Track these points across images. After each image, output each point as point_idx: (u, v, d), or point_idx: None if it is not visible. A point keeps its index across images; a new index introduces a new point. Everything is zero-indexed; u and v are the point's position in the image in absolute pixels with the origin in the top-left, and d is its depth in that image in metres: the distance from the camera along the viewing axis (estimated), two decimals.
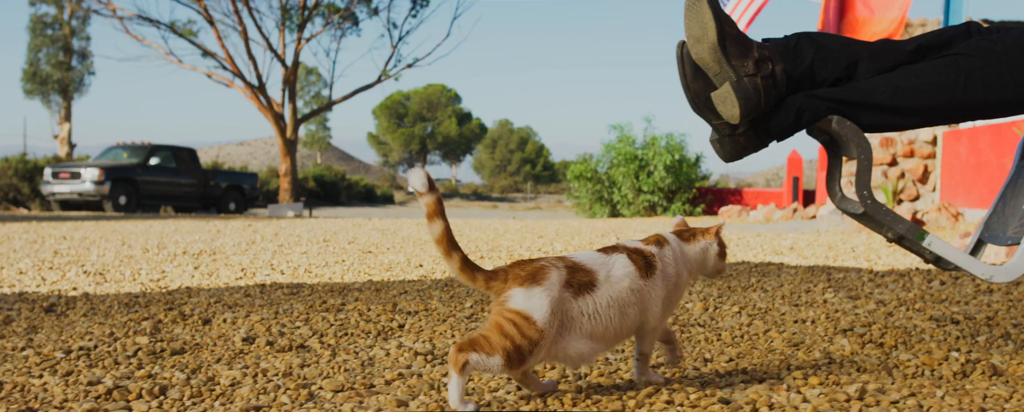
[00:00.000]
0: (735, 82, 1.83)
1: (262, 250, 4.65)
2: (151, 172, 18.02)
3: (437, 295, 2.79)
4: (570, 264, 1.38)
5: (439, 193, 1.34)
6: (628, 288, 1.42)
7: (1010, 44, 1.80)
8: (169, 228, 6.99)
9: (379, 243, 5.45)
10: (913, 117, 1.85)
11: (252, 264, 3.81)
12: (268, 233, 6.50)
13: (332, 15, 21.73)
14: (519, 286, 1.33)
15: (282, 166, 21.41)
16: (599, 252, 1.45)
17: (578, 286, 1.37)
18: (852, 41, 1.93)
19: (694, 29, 1.86)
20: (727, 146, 1.93)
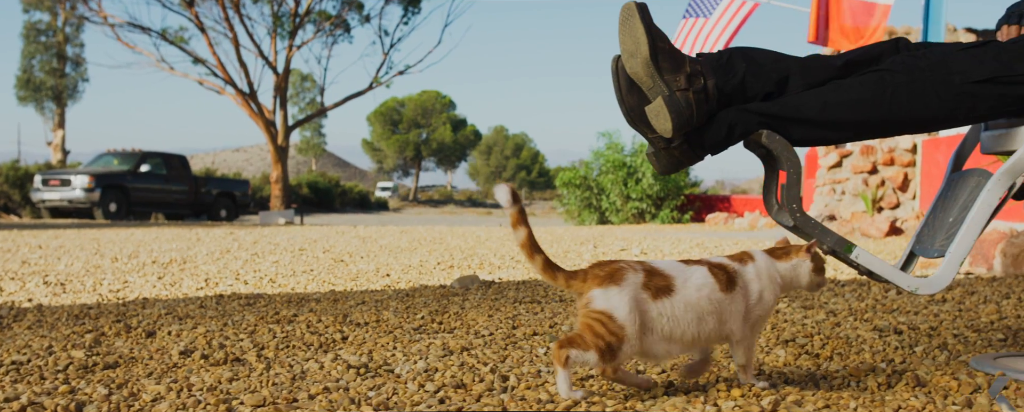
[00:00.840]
0: (668, 97, 1.85)
1: (234, 259, 4.66)
2: (142, 179, 18.03)
3: (393, 305, 2.81)
4: (648, 268, 1.48)
5: (521, 204, 1.48)
6: (706, 297, 1.50)
7: (934, 61, 1.83)
8: (150, 236, 7.00)
9: (355, 252, 5.47)
10: (841, 131, 1.88)
11: (219, 274, 3.83)
12: (247, 241, 6.51)
13: (323, 22, 21.76)
14: (598, 287, 1.43)
15: (273, 173, 21.43)
16: (681, 262, 1.54)
17: (655, 289, 1.47)
18: (784, 56, 1.96)
19: (628, 44, 1.89)
20: (663, 159, 1.95)
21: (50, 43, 38.18)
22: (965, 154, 2.16)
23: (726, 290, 1.52)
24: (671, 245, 6.42)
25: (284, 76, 21.23)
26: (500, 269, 4.30)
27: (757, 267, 1.58)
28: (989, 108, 1.83)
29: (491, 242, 6.79)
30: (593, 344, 1.41)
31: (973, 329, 2.49)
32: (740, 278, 1.55)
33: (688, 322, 1.49)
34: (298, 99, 48.58)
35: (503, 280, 3.78)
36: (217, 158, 66.22)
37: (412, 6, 22.16)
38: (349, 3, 21.76)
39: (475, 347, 2.03)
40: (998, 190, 1.82)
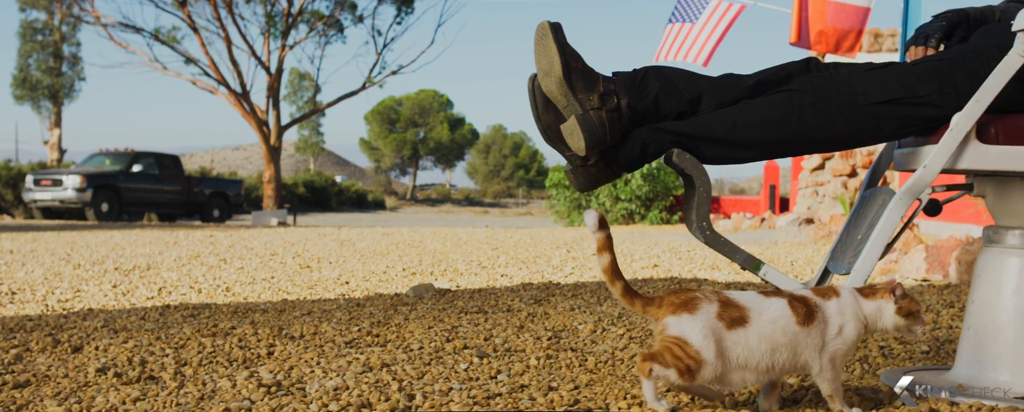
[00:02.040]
0: (581, 115, 1.89)
1: (199, 266, 4.69)
2: (134, 179, 18.07)
3: (338, 316, 2.84)
4: (724, 299, 1.54)
5: (608, 231, 1.56)
6: (781, 329, 1.54)
7: (840, 82, 1.86)
8: (129, 239, 7.03)
9: (326, 257, 5.50)
10: (751, 150, 1.91)
11: (177, 281, 3.86)
12: (223, 245, 6.54)
13: (316, 22, 21.78)
14: (671, 314, 1.51)
15: (266, 173, 21.45)
16: (760, 293, 1.59)
17: (730, 320, 1.52)
18: (697, 75, 1.99)
19: (542, 63, 1.92)
20: (580, 176, 1.99)
21: (47, 42, 38.20)
22: (880, 171, 2.19)
23: (804, 323, 1.56)
24: (645, 248, 6.44)
25: (277, 76, 21.26)
26: (464, 275, 4.33)
27: (841, 304, 1.60)
28: (892, 128, 1.86)
29: (468, 245, 6.81)
30: (672, 364, 1.48)
31: (901, 342, 2.52)
32: (819, 313, 1.58)
33: (762, 353, 1.53)
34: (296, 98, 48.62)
35: (461, 288, 3.81)
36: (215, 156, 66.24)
37: (405, 6, 22.18)
38: (342, 3, 21.78)
39: (398, 363, 2.06)
40: (899, 209, 1.84)
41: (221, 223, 18.13)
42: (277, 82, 21.26)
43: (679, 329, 1.49)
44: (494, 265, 4.84)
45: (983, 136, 1.78)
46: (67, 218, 17.20)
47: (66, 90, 38.83)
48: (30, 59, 38.60)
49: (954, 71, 1.82)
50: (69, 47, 38.63)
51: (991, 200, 1.93)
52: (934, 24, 1.99)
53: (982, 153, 1.78)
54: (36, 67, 38.47)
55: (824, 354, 1.58)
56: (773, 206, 14.02)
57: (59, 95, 38.59)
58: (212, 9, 19.87)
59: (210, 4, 19.86)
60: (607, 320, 2.82)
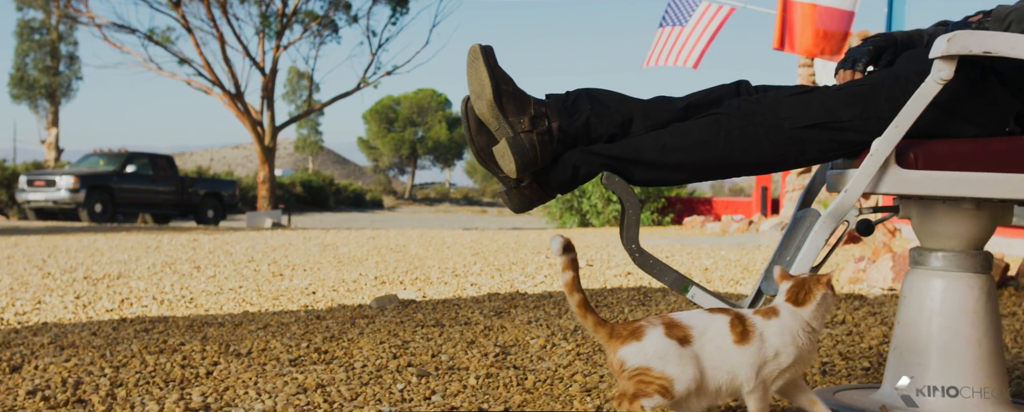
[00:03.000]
0: (512, 138, 1.90)
1: (171, 273, 4.72)
2: (128, 180, 18.10)
3: (293, 331, 2.86)
4: (668, 320, 1.58)
5: (573, 253, 1.62)
6: (718, 348, 1.57)
7: (767, 106, 1.88)
8: (111, 243, 7.05)
9: (303, 263, 5.52)
10: (680, 173, 1.93)
11: (144, 291, 3.88)
12: (205, 249, 6.56)
13: (311, 22, 21.80)
14: (623, 346, 1.55)
15: (260, 173, 21.48)
16: (706, 312, 1.63)
17: (678, 339, 1.55)
18: (628, 98, 2.01)
19: (474, 86, 1.94)
20: (514, 198, 2.01)
21: (44, 41, 38.21)
22: (814, 191, 2.21)
23: (741, 341, 1.58)
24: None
25: (271, 76, 21.27)
26: (434, 284, 4.35)
27: (781, 323, 1.62)
28: (817, 152, 1.88)
29: (451, 249, 6.83)
30: (653, 391, 1.52)
31: (845, 357, 2.53)
32: (756, 332, 1.60)
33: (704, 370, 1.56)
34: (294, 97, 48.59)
35: (427, 298, 3.84)
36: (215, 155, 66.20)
37: (400, 6, 22.19)
38: (336, 3, 21.79)
39: (335, 383, 2.08)
40: (824, 232, 1.86)
41: (215, 224, 18.18)
42: (271, 82, 21.28)
43: (636, 360, 1.53)
44: (467, 273, 4.86)
45: (903, 161, 1.79)
46: (61, 219, 17.24)
47: (63, 89, 38.85)
48: (27, 58, 38.60)
49: (876, 96, 1.84)
50: (66, 46, 38.64)
51: (916, 222, 1.95)
52: (862, 48, 2.01)
53: (902, 178, 1.79)
54: (33, 66, 38.49)
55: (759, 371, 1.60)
56: (764, 209, 14.04)
57: (56, 94, 38.61)
58: (206, 9, 19.89)
59: (204, 4, 19.89)
60: (561, 334, 2.84)
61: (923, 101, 1.75)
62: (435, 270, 5.00)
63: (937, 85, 1.73)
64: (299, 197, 35.10)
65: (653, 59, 10.78)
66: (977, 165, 1.77)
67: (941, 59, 1.72)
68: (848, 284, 4.40)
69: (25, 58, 39.09)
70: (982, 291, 1.88)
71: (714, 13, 10.56)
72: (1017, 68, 1.75)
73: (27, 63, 39.01)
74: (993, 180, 1.77)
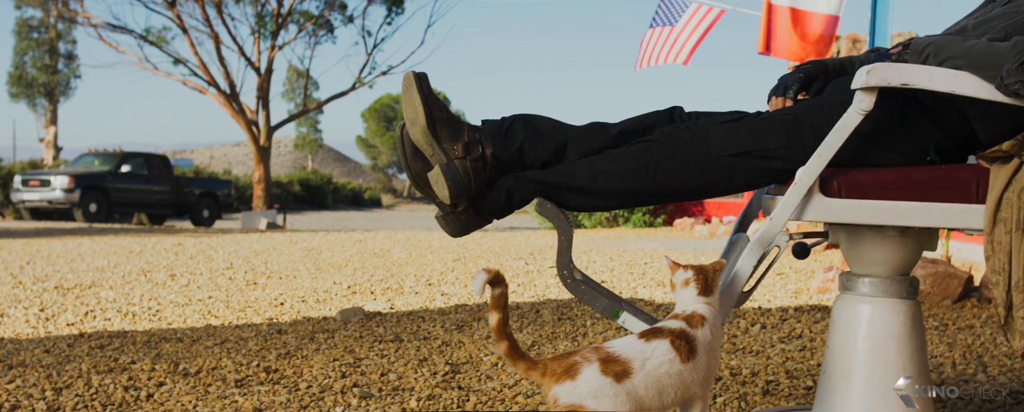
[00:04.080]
0: (445, 165, 1.93)
1: (144, 282, 4.74)
2: (122, 179, 18.12)
3: (248, 347, 2.88)
4: (603, 355, 1.55)
5: (503, 286, 1.58)
6: (666, 372, 1.57)
7: (696, 134, 1.90)
8: (95, 248, 7.07)
9: (281, 270, 5.54)
10: (612, 199, 1.95)
11: (110, 303, 3.91)
12: (186, 255, 6.58)
13: (306, 22, 21.81)
14: (556, 384, 1.51)
15: (256, 173, 21.50)
16: (640, 338, 1.61)
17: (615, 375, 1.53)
18: (563, 124, 2.03)
19: (409, 112, 1.97)
20: (451, 223, 2.03)
21: (42, 40, 38.21)
22: (750, 215, 2.23)
23: (686, 360, 1.59)
24: (606, 261, 6.48)
25: (266, 76, 21.30)
26: (405, 294, 4.37)
27: (711, 325, 1.64)
28: (745, 179, 1.90)
29: (435, 254, 6.85)
30: None
31: (791, 375, 2.56)
32: (700, 345, 1.61)
33: (651, 398, 1.56)
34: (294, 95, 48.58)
35: (394, 309, 3.86)
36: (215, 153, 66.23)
37: (395, 6, 22.20)
38: (331, 3, 21.81)
39: (275, 406, 2.10)
40: (751, 259, 1.88)
41: (210, 224, 18.21)
42: (267, 82, 21.30)
43: (570, 398, 1.50)
44: (441, 281, 4.88)
45: (826, 190, 1.81)
46: (56, 219, 17.27)
47: (62, 88, 38.86)
48: (26, 57, 38.60)
49: (801, 125, 1.86)
50: (65, 45, 38.65)
51: (844, 248, 1.98)
52: (793, 75, 2.02)
53: (825, 206, 1.81)
54: (32, 65, 38.48)
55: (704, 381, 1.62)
56: None
57: (55, 93, 38.63)
58: (201, 9, 19.90)
59: (199, 4, 19.90)
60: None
61: (845, 131, 1.77)
62: (411, 278, 5.02)
63: (859, 115, 1.76)
64: (297, 196, 35.13)
65: (644, 61, 10.81)
66: (898, 194, 1.80)
67: (862, 90, 1.75)
68: (817, 293, 4.42)
69: (24, 56, 39.07)
70: (907, 316, 1.91)
71: (704, 15, 10.57)
72: (937, 99, 1.77)
73: (26, 61, 38.99)
74: (912, 209, 1.79)
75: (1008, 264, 1.72)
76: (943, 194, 1.78)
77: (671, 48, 10.46)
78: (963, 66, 1.70)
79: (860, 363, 1.91)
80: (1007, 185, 1.71)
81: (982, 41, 1.69)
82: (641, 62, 10.71)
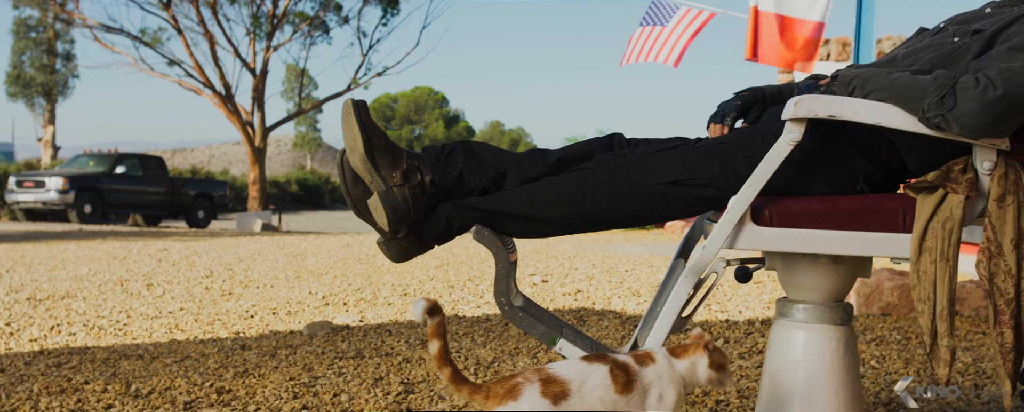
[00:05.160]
0: (384, 192, 1.94)
1: (119, 292, 4.75)
2: (117, 181, 18.14)
3: (208, 364, 2.90)
4: (545, 376, 1.57)
5: (441, 315, 1.60)
6: (600, 399, 1.58)
7: (632, 162, 1.92)
8: (80, 253, 7.08)
9: (260, 279, 5.55)
10: (550, 226, 1.97)
11: (80, 315, 3.92)
12: (169, 261, 6.59)
13: (301, 23, 21.82)
14: (499, 405, 1.53)
15: (251, 174, 21.52)
16: (583, 360, 1.63)
17: (553, 396, 1.55)
18: (503, 151, 2.05)
19: (348, 140, 1.98)
20: (392, 249, 2.05)
21: (40, 39, 38.19)
22: (693, 239, 2.24)
23: (623, 392, 1.59)
24: (587, 267, 6.49)
25: (261, 77, 21.31)
26: (380, 305, 4.39)
27: (657, 368, 1.64)
28: (680, 207, 1.92)
29: (417, 261, 6.86)
30: None
31: (742, 395, 2.57)
32: (638, 379, 1.61)
33: None
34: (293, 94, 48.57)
35: (364, 322, 3.87)
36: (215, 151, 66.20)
37: (391, 7, 22.21)
38: (327, 4, 21.82)
39: None
40: (686, 286, 1.90)
41: (205, 225, 18.23)
42: (262, 83, 21.31)
43: None
44: (418, 291, 4.89)
45: (758, 218, 1.83)
46: (50, 220, 17.29)
47: (60, 87, 38.86)
48: (24, 56, 38.60)
49: (734, 154, 1.87)
50: (63, 44, 38.64)
51: (780, 274, 1.99)
52: (730, 103, 2.04)
53: (757, 235, 1.83)
54: (30, 64, 38.46)
55: None
56: None
57: (53, 92, 38.62)
58: (195, 10, 19.91)
59: (193, 5, 19.91)
60: (474, 367, 2.87)
61: (776, 161, 1.78)
62: (387, 287, 5.03)
63: (788, 146, 1.77)
64: (295, 195, 35.14)
65: (632, 56, 10.81)
66: (828, 223, 1.81)
67: (791, 121, 1.76)
68: None
69: (21, 56, 39.05)
70: (840, 342, 1.92)
71: (694, 17, 10.59)
72: (866, 129, 1.78)
73: (23, 61, 38.97)
74: (842, 238, 1.80)
75: (933, 293, 1.73)
76: (871, 223, 1.80)
77: (660, 48, 10.48)
78: (887, 98, 1.71)
79: (797, 389, 1.92)
80: (932, 215, 1.73)
81: (906, 74, 1.70)
82: (628, 57, 10.71)
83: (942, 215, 1.72)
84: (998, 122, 1.62)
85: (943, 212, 1.72)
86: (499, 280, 1.97)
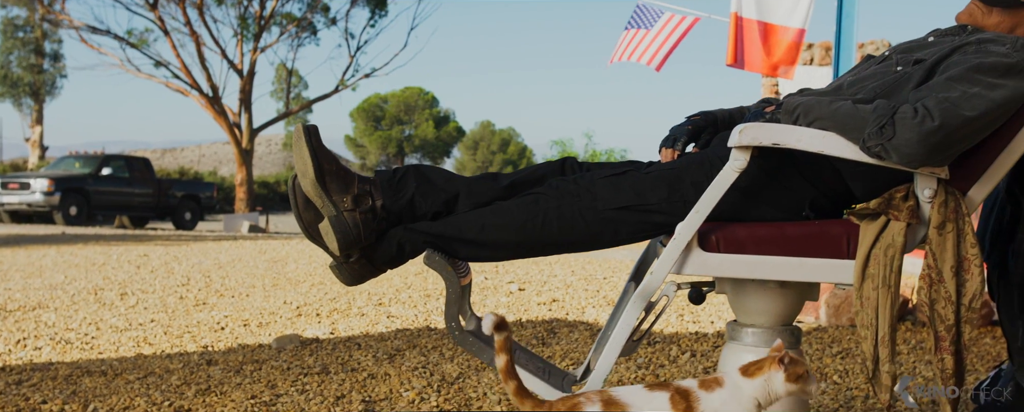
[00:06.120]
0: (334, 217, 1.95)
1: (92, 302, 4.74)
2: (103, 182, 18.06)
3: (172, 380, 2.89)
4: (606, 397, 1.59)
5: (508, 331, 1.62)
6: None
7: (583, 187, 1.92)
8: (59, 259, 7.05)
9: (236, 287, 5.54)
10: (500, 250, 1.98)
11: (49, 327, 3.90)
12: (147, 269, 6.57)
13: (289, 24, 21.78)
14: None
15: (238, 175, 21.48)
16: (646, 386, 1.64)
17: None
18: (455, 176, 2.05)
19: (299, 164, 1.99)
20: (344, 273, 2.05)
21: (28, 39, 38.00)
22: (647, 262, 2.25)
23: None
24: (567, 274, 6.49)
25: (249, 79, 21.26)
26: (353, 316, 4.38)
27: (723, 394, 1.61)
28: (629, 233, 1.93)
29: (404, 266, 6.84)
30: None
31: None
32: (700, 405, 1.59)
33: None
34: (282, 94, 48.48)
35: (335, 334, 3.87)
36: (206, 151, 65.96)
37: (379, 8, 22.19)
38: (314, 5, 21.78)
39: None
40: (634, 311, 1.90)
41: (192, 227, 18.19)
42: (249, 85, 21.26)
43: None
44: (393, 300, 4.89)
45: (705, 244, 1.84)
46: (36, 222, 17.21)
47: (48, 87, 38.68)
48: (11, 56, 38.40)
49: (682, 180, 1.88)
50: (50, 44, 38.46)
51: (730, 298, 2.00)
52: (681, 127, 2.04)
53: (704, 261, 1.84)
54: (17, 64, 38.26)
55: None
56: None
57: (41, 92, 38.44)
58: (182, 12, 19.86)
59: (180, 7, 19.85)
60: (437, 384, 2.88)
61: (722, 188, 1.79)
62: (363, 297, 5.03)
63: (734, 173, 1.78)
64: (283, 196, 35.07)
65: (618, 56, 10.85)
66: (773, 249, 1.82)
67: (737, 148, 1.77)
68: None
69: (9, 56, 38.87)
70: None
71: (678, 22, 10.62)
72: (811, 156, 1.79)
73: (11, 61, 38.78)
74: (787, 264, 1.81)
75: (875, 319, 1.74)
76: (816, 249, 1.81)
77: (645, 50, 10.51)
78: (829, 127, 1.72)
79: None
80: (875, 242, 1.74)
81: (847, 103, 1.72)
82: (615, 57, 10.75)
83: (884, 242, 1.73)
84: (936, 152, 1.64)
85: (885, 239, 1.73)
86: (449, 305, 1.98)
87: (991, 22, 1.82)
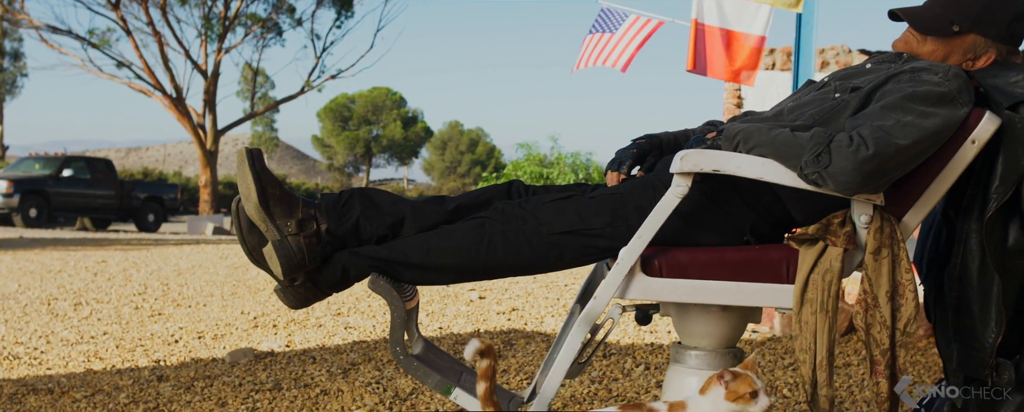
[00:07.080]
0: (278, 241, 1.93)
1: (42, 314, 4.66)
2: (64, 184, 17.78)
3: (120, 399, 2.85)
4: None
5: (491, 360, 1.68)
6: None
7: (528, 211, 1.93)
8: (14, 266, 6.94)
9: (195, 295, 5.48)
10: (446, 274, 1.97)
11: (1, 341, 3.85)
12: (104, 276, 6.48)
13: (254, 25, 21.60)
14: None
15: (202, 177, 21.26)
16: (621, 408, 1.69)
17: None
18: (401, 199, 2.05)
19: (243, 188, 1.97)
20: (289, 296, 2.03)
21: None
22: (594, 283, 2.25)
23: None
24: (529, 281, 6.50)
25: (213, 79, 21.05)
26: (310, 327, 4.36)
27: None
28: (574, 256, 1.93)
29: None
30: None
31: None
32: None
33: None
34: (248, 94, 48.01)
35: (290, 347, 3.84)
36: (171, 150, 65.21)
37: (345, 9, 22.06)
38: (280, 6, 21.62)
39: None
40: (578, 336, 1.91)
41: (155, 229, 17.96)
42: (213, 85, 21.05)
43: None
44: (352, 310, 4.87)
45: (648, 269, 1.85)
46: None
47: (8, 86, 38.03)
48: None
49: (625, 205, 1.89)
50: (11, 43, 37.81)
51: (674, 321, 2.01)
52: (627, 150, 2.05)
53: (647, 285, 1.85)
54: None
55: None
56: None
57: (0, 91, 37.77)
58: (144, 12, 19.60)
59: (142, 6, 19.60)
60: (390, 400, 2.87)
61: (664, 213, 1.80)
62: (321, 307, 4.99)
63: (676, 198, 1.79)
64: None
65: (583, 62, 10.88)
66: (714, 273, 1.84)
67: (678, 174, 1.78)
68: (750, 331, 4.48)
69: None
70: None
71: (642, 25, 10.68)
72: (752, 182, 1.81)
73: None
74: (727, 289, 1.83)
75: (814, 343, 1.77)
76: (756, 274, 1.83)
77: (610, 53, 10.56)
78: (768, 154, 1.74)
79: None
80: (813, 267, 1.76)
81: (785, 131, 1.74)
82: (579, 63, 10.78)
83: (822, 267, 1.76)
84: (871, 179, 1.66)
85: (823, 264, 1.76)
86: (394, 329, 1.97)
87: (925, 50, 1.85)
